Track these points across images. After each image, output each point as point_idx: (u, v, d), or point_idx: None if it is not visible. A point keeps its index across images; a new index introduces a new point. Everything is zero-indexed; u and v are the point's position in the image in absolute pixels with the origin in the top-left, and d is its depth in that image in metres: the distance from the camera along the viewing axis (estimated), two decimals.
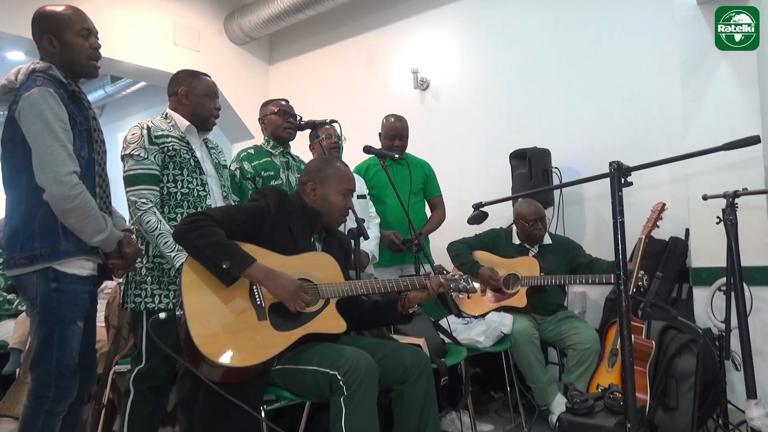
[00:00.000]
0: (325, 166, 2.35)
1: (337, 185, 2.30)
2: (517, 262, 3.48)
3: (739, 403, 2.95)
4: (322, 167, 2.34)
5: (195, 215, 2.06)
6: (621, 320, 1.75)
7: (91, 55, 2.12)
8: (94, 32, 2.15)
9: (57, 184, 1.93)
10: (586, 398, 2.28)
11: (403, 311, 2.29)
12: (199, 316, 1.93)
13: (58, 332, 1.99)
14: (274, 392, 2.08)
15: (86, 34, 2.11)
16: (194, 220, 2.02)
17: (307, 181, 2.33)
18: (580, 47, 4.23)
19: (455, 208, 3.89)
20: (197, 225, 2.00)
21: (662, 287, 3.54)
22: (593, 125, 4.13)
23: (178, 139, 2.46)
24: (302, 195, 2.32)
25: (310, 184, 2.31)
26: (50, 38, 2.07)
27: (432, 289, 2.24)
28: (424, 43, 5.11)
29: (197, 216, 2.05)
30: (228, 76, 5.86)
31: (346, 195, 2.32)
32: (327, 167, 2.34)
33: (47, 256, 1.98)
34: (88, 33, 2.11)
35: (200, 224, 2.00)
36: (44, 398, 1.97)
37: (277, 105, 3.18)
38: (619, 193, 1.76)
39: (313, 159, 2.53)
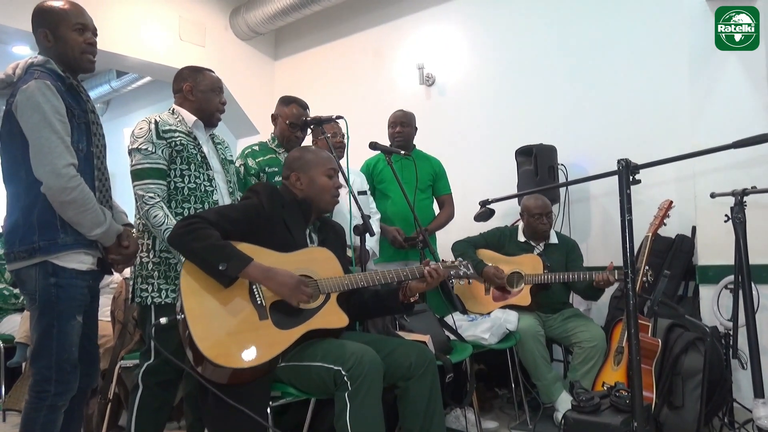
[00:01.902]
0: (303, 153, 2.36)
1: (320, 167, 2.30)
2: (521, 260, 3.47)
3: (745, 402, 2.94)
4: (301, 155, 2.35)
5: (188, 218, 2.06)
6: (628, 319, 1.74)
7: (85, 49, 2.12)
8: (90, 27, 2.14)
9: (54, 176, 1.93)
10: (591, 396, 2.27)
11: (404, 299, 2.28)
12: (200, 320, 1.92)
13: (57, 327, 1.99)
14: (280, 388, 2.08)
15: (80, 29, 2.11)
16: (188, 223, 2.02)
17: (289, 173, 2.32)
18: (587, 43, 4.20)
19: (461, 204, 3.89)
20: (191, 228, 1.99)
21: (669, 285, 3.53)
22: (600, 122, 4.11)
23: (185, 134, 2.46)
24: (290, 188, 2.31)
25: (294, 174, 2.31)
26: (45, 32, 2.08)
27: (430, 276, 2.21)
28: (430, 38, 5.09)
29: (191, 219, 2.04)
30: (233, 72, 5.85)
31: (331, 175, 2.32)
32: (305, 154, 2.35)
33: (46, 248, 1.98)
34: (82, 28, 2.11)
35: (194, 227, 1.99)
36: (45, 393, 1.97)
37: (289, 112, 3.09)
38: (627, 191, 1.75)
39: (291, 151, 2.52)
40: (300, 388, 2.07)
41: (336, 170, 2.37)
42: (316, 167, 2.30)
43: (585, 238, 4.08)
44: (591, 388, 3.01)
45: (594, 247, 3.57)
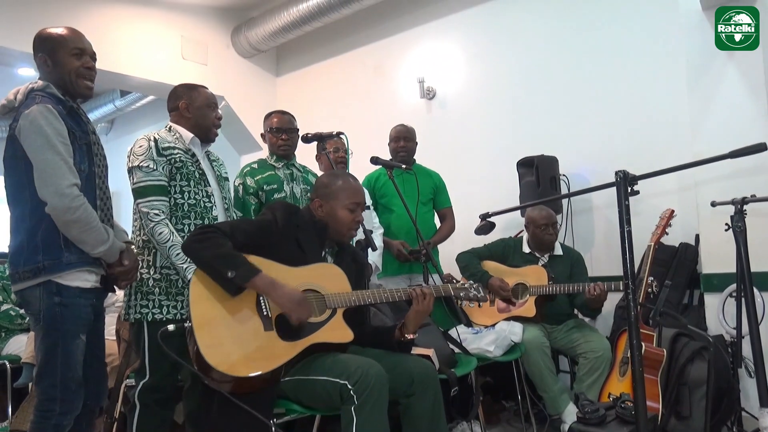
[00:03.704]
0: (332, 181, 2.35)
1: (344, 200, 2.29)
2: (525, 271, 3.47)
3: (754, 411, 2.92)
4: (329, 183, 2.34)
5: (204, 228, 2.09)
6: (630, 329, 1.74)
7: (81, 73, 2.15)
8: (88, 52, 2.18)
9: (58, 196, 1.97)
10: (597, 407, 2.26)
11: (401, 337, 2.27)
12: (206, 327, 1.95)
13: (61, 346, 2.01)
14: (285, 405, 2.08)
15: (78, 54, 2.14)
16: (202, 232, 2.06)
17: (314, 198, 2.34)
18: (586, 54, 4.23)
19: (463, 217, 3.89)
20: (205, 236, 2.03)
21: (673, 294, 3.52)
22: (600, 132, 4.12)
23: (183, 151, 2.49)
24: (312, 210, 2.33)
25: (317, 200, 2.32)
26: (44, 58, 2.13)
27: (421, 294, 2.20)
28: (430, 52, 5.13)
29: (206, 228, 2.08)
30: (236, 89, 5.91)
31: (353, 209, 2.30)
32: (333, 182, 2.34)
33: (50, 268, 2.01)
34: (80, 53, 2.15)
35: (208, 236, 2.03)
36: (50, 412, 1.98)
37: (273, 120, 3.17)
38: (625, 203, 1.76)
39: (323, 175, 2.53)
40: (305, 403, 2.08)
41: (360, 204, 2.33)
42: (339, 199, 2.29)
43: (588, 249, 4.08)
44: (597, 399, 2.99)
45: (597, 258, 3.56)
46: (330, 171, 2.91)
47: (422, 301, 2.21)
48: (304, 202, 3.03)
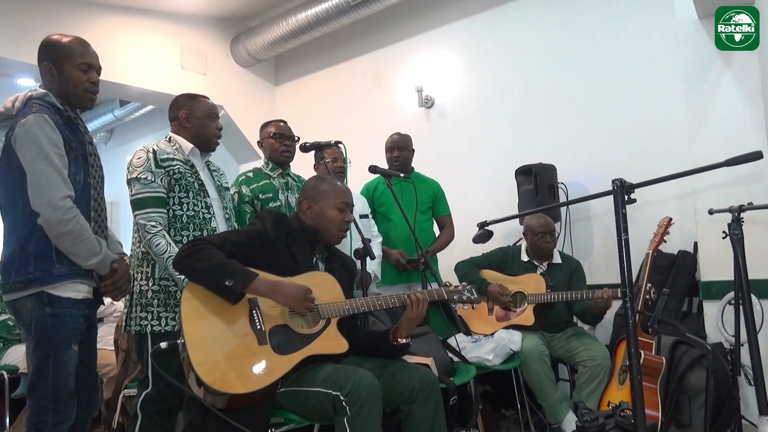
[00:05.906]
0: (319, 183, 2.37)
1: (332, 200, 2.30)
2: (524, 280, 3.47)
3: (753, 419, 2.90)
4: (317, 184, 2.36)
5: (192, 242, 2.08)
6: (628, 337, 1.74)
7: (87, 88, 2.14)
8: (95, 67, 2.16)
9: (51, 208, 1.95)
10: (596, 416, 2.25)
11: (394, 341, 2.26)
12: (199, 345, 1.93)
13: (53, 357, 1.99)
14: (282, 415, 2.08)
15: (86, 69, 2.13)
16: (192, 245, 2.04)
17: (302, 200, 2.34)
18: (584, 63, 4.25)
19: (461, 225, 3.89)
20: (195, 250, 2.01)
21: (672, 301, 3.51)
22: (599, 140, 4.14)
23: (182, 162, 2.49)
24: (300, 215, 2.33)
25: (306, 202, 2.32)
26: (50, 67, 2.11)
27: (416, 300, 2.19)
28: (429, 61, 5.15)
29: (195, 242, 2.07)
30: (235, 98, 5.92)
31: (342, 209, 2.31)
32: (320, 184, 2.36)
33: (41, 279, 1.99)
34: (87, 67, 2.13)
35: (198, 248, 2.02)
36: (43, 423, 1.96)
37: (274, 126, 3.18)
38: (622, 211, 1.75)
39: (310, 178, 2.53)
40: (301, 413, 2.07)
41: (349, 204, 2.34)
42: (328, 198, 2.30)
43: (587, 257, 4.08)
44: (597, 407, 2.99)
45: (596, 266, 3.57)
46: (318, 175, 2.91)
47: (416, 308, 2.20)
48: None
